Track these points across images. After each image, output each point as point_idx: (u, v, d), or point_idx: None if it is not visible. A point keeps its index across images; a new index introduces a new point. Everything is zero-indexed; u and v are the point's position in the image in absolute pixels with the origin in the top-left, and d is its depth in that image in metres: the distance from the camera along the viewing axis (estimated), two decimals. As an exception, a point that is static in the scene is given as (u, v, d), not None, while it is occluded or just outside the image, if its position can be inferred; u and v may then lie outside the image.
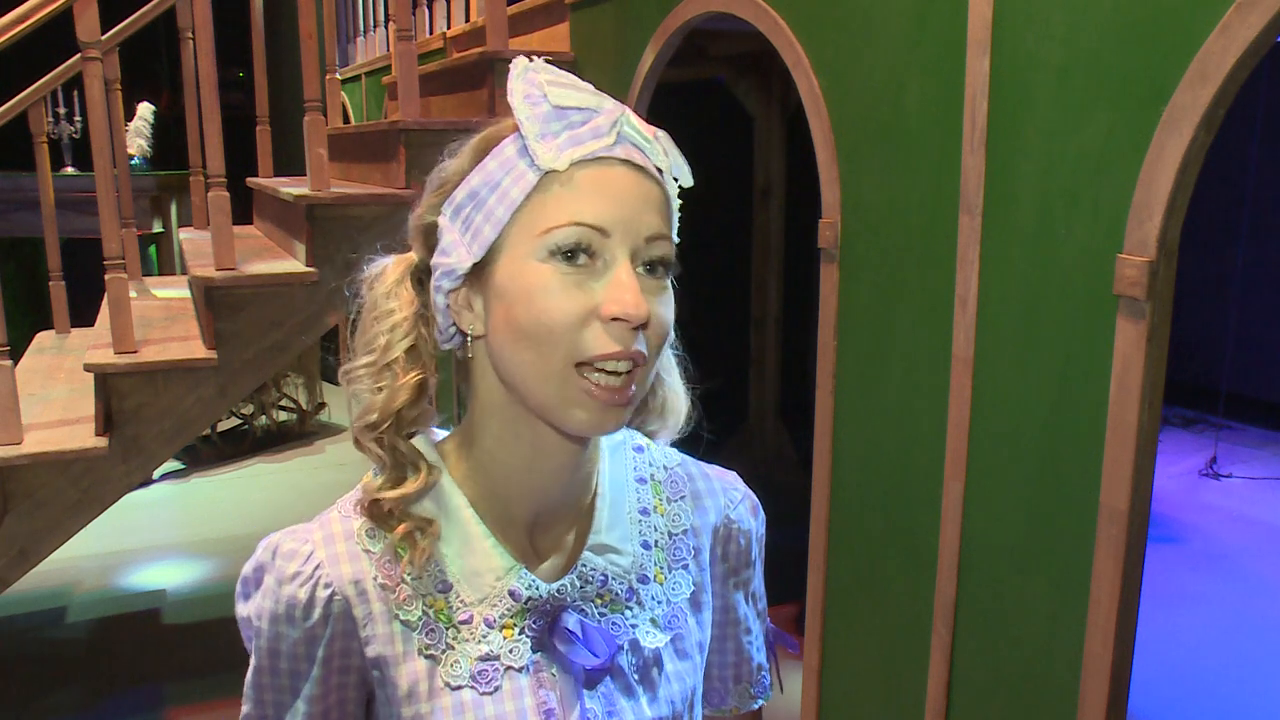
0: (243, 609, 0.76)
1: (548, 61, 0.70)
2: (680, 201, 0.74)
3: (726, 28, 2.26)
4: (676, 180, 0.73)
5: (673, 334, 0.72)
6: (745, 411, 4.46)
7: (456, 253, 0.71)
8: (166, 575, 3.77)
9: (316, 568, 0.73)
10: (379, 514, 0.73)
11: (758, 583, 0.89)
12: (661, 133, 0.72)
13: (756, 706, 0.91)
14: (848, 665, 2.04)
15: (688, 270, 0.74)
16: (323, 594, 0.72)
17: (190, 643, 3.25)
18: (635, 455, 0.83)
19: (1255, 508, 4.39)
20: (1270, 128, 4.77)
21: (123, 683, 3.03)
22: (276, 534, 0.75)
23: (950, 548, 1.69)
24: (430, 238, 0.74)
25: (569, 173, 0.67)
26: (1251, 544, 4.00)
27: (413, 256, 0.77)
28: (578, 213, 0.66)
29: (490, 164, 0.70)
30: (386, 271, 0.77)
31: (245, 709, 0.77)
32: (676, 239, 0.73)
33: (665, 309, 0.70)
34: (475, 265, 0.70)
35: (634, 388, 0.68)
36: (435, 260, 0.73)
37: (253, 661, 0.76)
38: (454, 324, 0.74)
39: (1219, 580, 3.65)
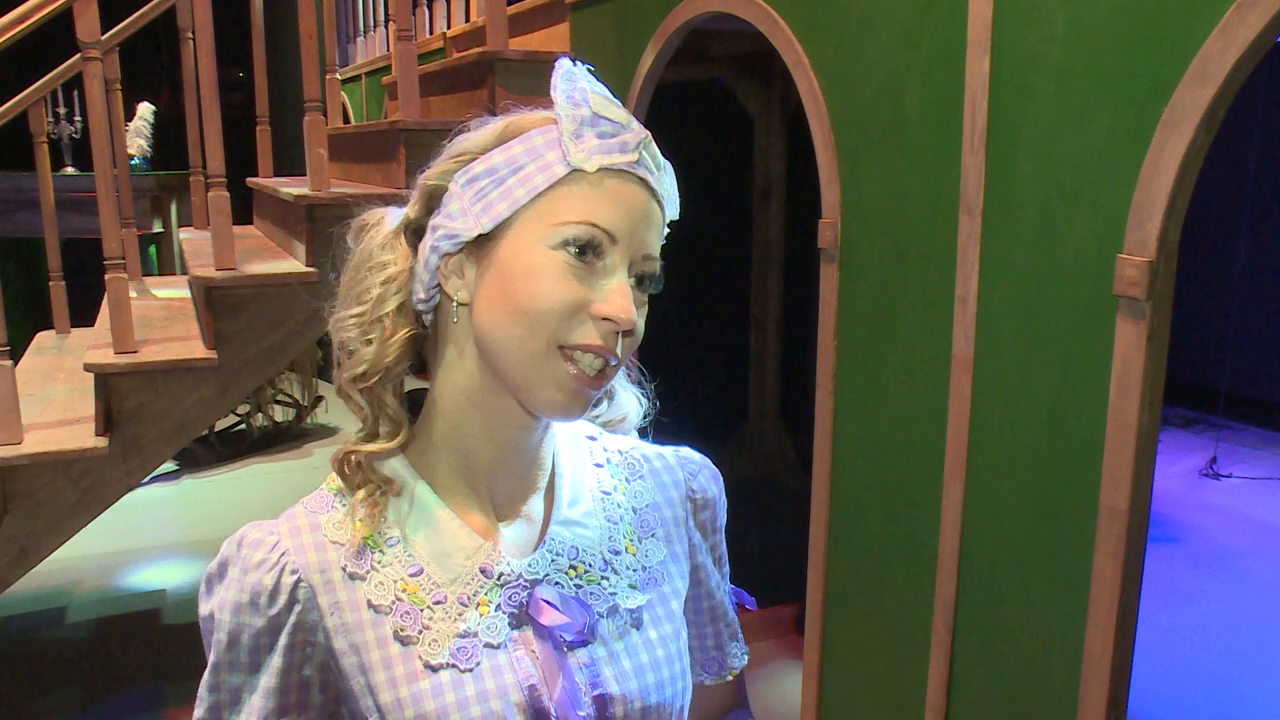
0: (205, 606, 0.75)
1: (589, 70, 0.74)
2: (667, 230, 0.78)
3: (726, 28, 2.26)
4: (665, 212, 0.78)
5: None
6: (745, 411, 4.46)
7: (463, 220, 0.73)
8: (166, 575, 3.77)
9: (282, 555, 0.73)
10: (349, 469, 0.75)
11: (723, 548, 0.91)
12: (668, 165, 0.77)
13: (739, 670, 0.93)
14: (848, 665, 2.04)
15: (688, 270, 0.76)
16: (288, 580, 0.73)
17: (190, 643, 3.22)
18: (589, 443, 0.85)
19: (1255, 508, 4.39)
20: (1270, 128, 4.77)
21: (123, 683, 3.03)
22: (241, 529, 0.76)
23: (950, 548, 1.69)
24: (433, 200, 0.76)
25: (596, 176, 0.71)
26: (1251, 544, 4.00)
27: (409, 213, 0.78)
28: (595, 214, 0.70)
29: (516, 147, 0.72)
30: (384, 222, 0.79)
31: (197, 713, 0.75)
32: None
33: (642, 321, 0.74)
34: (479, 236, 0.73)
35: (604, 383, 0.72)
36: (437, 222, 0.75)
37: (210, 659, 0.75)
38: (437, 286, 0.76)
39: (1219, 580, 3.65)
